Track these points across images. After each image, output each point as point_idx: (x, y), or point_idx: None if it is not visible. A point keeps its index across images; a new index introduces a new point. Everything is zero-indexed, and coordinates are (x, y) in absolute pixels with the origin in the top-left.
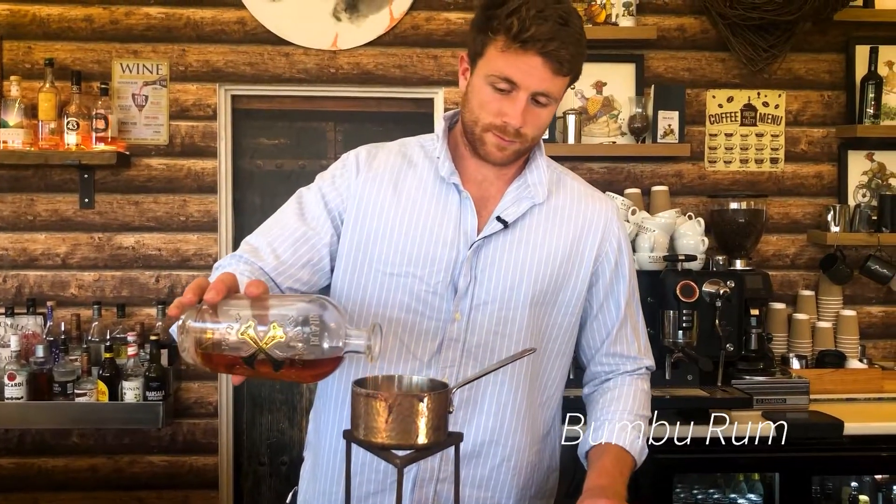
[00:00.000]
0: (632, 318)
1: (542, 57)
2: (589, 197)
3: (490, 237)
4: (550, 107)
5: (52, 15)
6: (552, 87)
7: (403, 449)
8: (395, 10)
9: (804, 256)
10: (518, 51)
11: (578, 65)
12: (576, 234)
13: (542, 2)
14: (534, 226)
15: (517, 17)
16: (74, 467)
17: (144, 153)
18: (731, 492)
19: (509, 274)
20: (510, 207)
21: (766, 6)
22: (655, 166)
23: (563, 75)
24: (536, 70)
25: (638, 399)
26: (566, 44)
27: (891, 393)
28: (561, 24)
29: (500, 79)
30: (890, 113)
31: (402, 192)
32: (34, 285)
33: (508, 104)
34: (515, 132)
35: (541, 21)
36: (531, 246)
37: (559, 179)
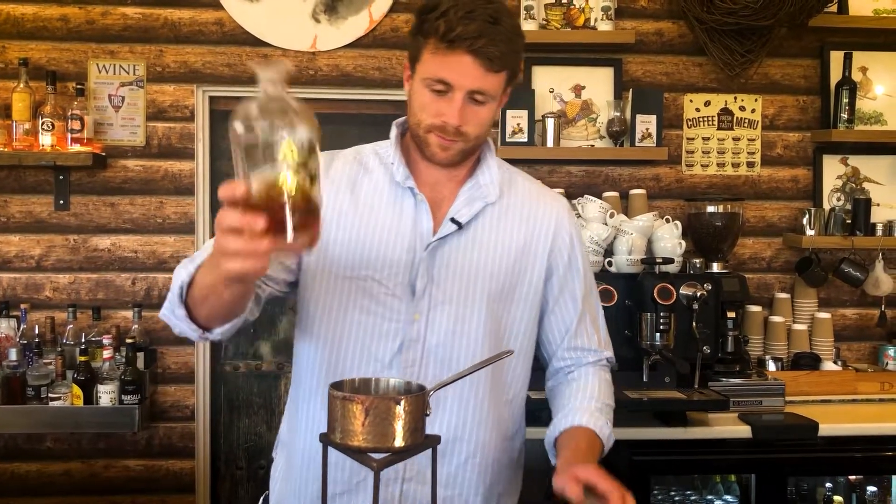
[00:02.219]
0: (590, 311)
1: (472, 55)
2: (540, 195)
3: (445, 238)
4: (489, 104)
5: (27, 14)
6: (486, 85)
7: (380, 452)
8: (375, 12)
9: (780, 259)
10: (448, 51)
11: (512, 61)
12: (528, 231)
13: (471, 3)
14: (487, 225)
15: (445, 18)
16: (48, 472)
17: (121, 154)
18: (707, 493)
19: (465, 273)
20: (463, 208)
21: (743, 11)
22: (633, 170)
23: (495, 71)
24: (467, 68)
25: (602, 389)
26: (495, 41)
27: (865, 394)
28: (490, 22)
29: (434, 80)
30: (864, 118)
31: (358, 197)
32: (7, 287)
33: (446, 104)
34: (456, 131)
35: (468, 21)
36: (485, 245)
37: (511, 179)
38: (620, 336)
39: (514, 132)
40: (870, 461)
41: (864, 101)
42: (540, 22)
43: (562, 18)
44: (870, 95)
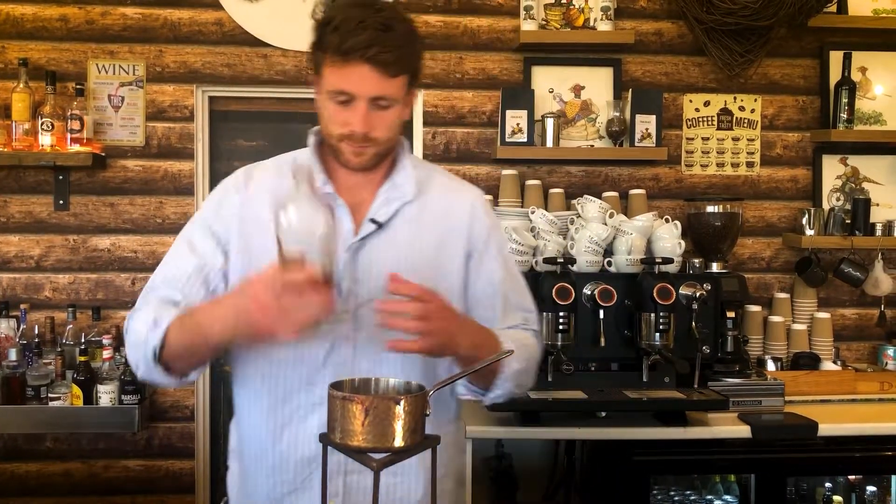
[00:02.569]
0: (514, 296)
1: (367, 63)
2: (455, 190)
3: (366, 239)
4: (394, 107)
5: (27, 14)
6: (386, 90)
7: (380, 452)
8: None
9: (779, 259)
10: (344, 63)
11: (409, 64)
12: (445, 225)
13: (361, 14)
14: (406, 223)
15: (337, 32)
16: (48, 472)
17: (120, 154)
18: (707, 493)
19: (387, 271)
20: (382, 208)
21: (742, 12)
22: (633, 170)
23: (393, 76)
24: (364, 77)
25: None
26: (388, 47)
27: (864, 394)
28: (381, 30)
29: (336, 92)
30: (863, 118)
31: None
32: (7, 288)
33: (351, 114)
34: (364, 137)
35: (359, 31)
36: (405, 242)
37: (428, 177)
38: (620, 336)
39: (514, 132)
40: (869, 461)
41: (864, 101)
42: (539, 22)
43: (561, 18)
44: (869, 95)
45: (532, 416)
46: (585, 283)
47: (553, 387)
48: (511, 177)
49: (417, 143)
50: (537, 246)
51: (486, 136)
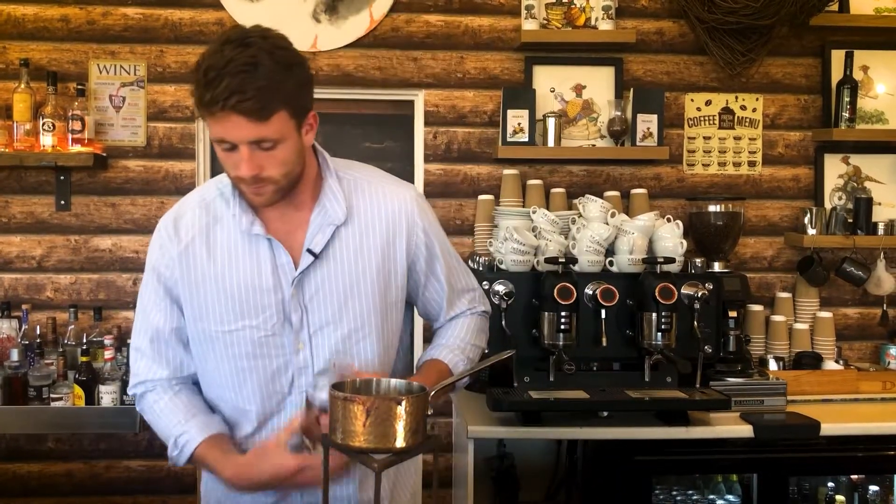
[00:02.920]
0: (458, 283)
1: (232, 112)
2: (386, 195)
3: (308, 269)
4: (282, 145)
5: (28, 15)
6: (262, 133)
7: (382, 452)
8: (376, 12)
9: (781, 259)
10: (212, 115)
11: (280, 101)
12: (384, 238)
13: (225, 57)
14: (343, 245)
15: (198, 86)
16: (50, 473)
17: (122, 155)
18: (709, 493)
19: (335, 296)
20: (316, 236)
21: (744, 10)
22: (634, 169)
23: (266, 118)
24: (235, 125)
25: (470, 330)
26: (248, 93)
27: (867, 394)
28: (246, 72)
29: (218, 140)
30: (865, 117)
31: (215, 251)
32: (9, 288)
33: (237, 158)
34: (255, 179)
35: (217, 82)
36: (347, 264)
37: (355, 187)
38: (622, 336)
39: (515, 132)
40: (872, 460)
41: (866, 100)
42: (541, 21)
43: (562, 18)
44: (871, 94)
45: (534, 416)
46: (587, 282)
47: (555, 387)
48: (512, 176)
49: (419, 142)
50: (539, 246)
51: (488, 135)
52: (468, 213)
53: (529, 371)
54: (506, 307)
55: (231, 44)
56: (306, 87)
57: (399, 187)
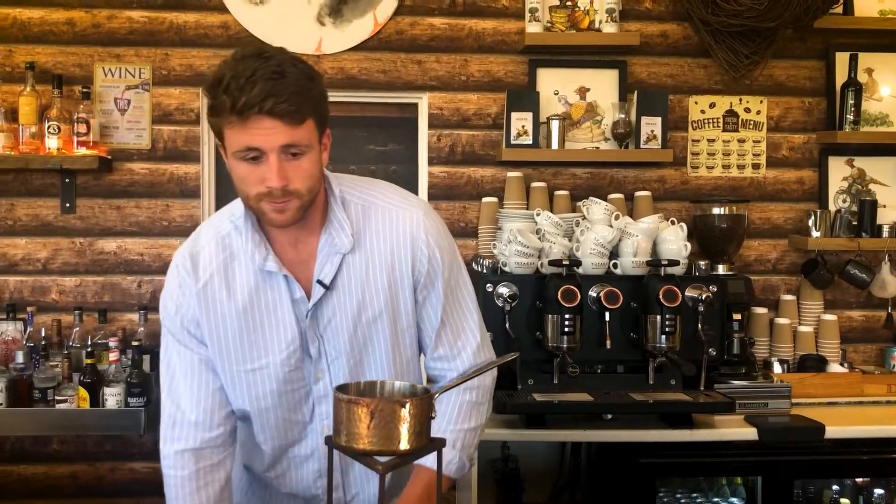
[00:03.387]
0: (454, 322)
1: (267, 116)
2: (394, 219)
3: (320, 300)
4: (308, 154)
5: (34, 18)
6: (294, 137)
7: (386, 455)
8: (380, 15)
9: (785, 261)
10: (243, 121)
11: (312, 108)
12: (389, 264)
13: (249, 68)
14: (352, 274)
15: (227, 93)
16: (55, 475)
17: (127, 158)
18: (714, 496)
19: (347, 324)
20: (325, 267)
21: (748, 13)
22: (638, 172)
23: (297, 124)
24: (268, 130)
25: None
26: (283, 95)
27: (871, 396)
28: (275, 79)
29: (244, 151)
30: (869, 119)
31: (234, 289)
32: (14, 291)
33: (264, 169)
34: (284, 191)
35: (250, 86)
36: (356, 293)
37: (363, 211)
38: (626, 338)
39: (519, 134)
40: (877, 463)
41: (870, 103)
42: (544, 24)
43: (566, 20)
44: (875, 97)
45: (538, 419)
46: (591, 285)
47: (559, 389)
48: (516, 179)
49: (423, 145)
50: (543, 248)
51: (492, 138)
52: (472, 215)
53: (533, 374)
54: (509, 310)
55: (250, 57)
56: (326, 101)
57: (407, 209)
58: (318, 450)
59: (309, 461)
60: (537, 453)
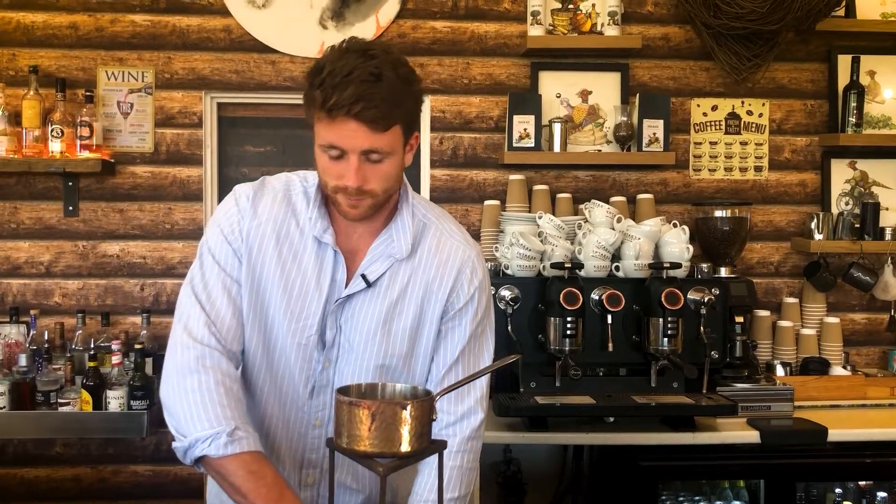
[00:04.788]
0: (465, 368)
1: (354, 119)
2: (448, 246)
3: (355, 293)
4: (389, 159)
5: (37, 22)
6: (377, 143)
7: (387, 457)
8: (382, 19)
9: (788, 264)
10: (331, 119)
11: (401, 115)
12: (428, 284)
13: (349, 65)
14: (394, 282)
15: (321, 88)
16: (57, 477)
17: (129, 161)
18: (716, 499)
19: (370, 325)
20: (374, 264)
21: (750, 16)
22: (640, 174)
23: (383, 130)
24: (353, 132)
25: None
26: (373, 102)
27: (874, 399)
28: (370, 81)
29: (327, 147)
30: (872, 122)
31: (283, 245)
32: (17, 293)
33: (344, 167)
34: (358, 191)
35: (344, 86)
36: (390, 302)
37: (424, 228)
38: (628, 341)
39: (521, 137)
40: (880, 467)
41: (873, 105)
42: (546, 27)
43: (568, 24)
44: (878, 99)
45: (540, 422)
46: (593, 287)
47: (561, 392)
48: (518, 182)
49: (425, 148)
50: (545, 251)
51: (494, 141)
52: (474, 218)
53: (535, 376)
54: (511, 312)
55: (354, 53)
56: (420, 105)
57: (463, 245)
58: (306, 440)
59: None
60: (539, 456)
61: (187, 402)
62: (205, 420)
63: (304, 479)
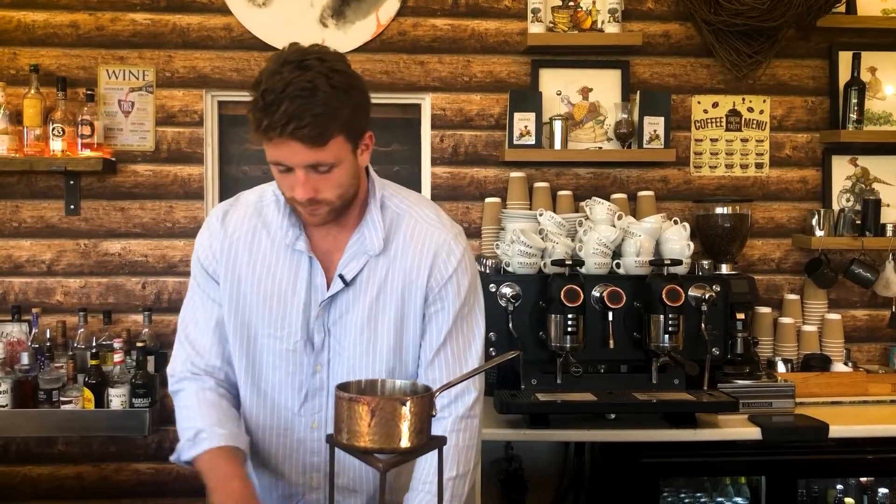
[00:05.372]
0: (453, 350)
1: (290, 138)
2: (423, 233)
3: (336, 294)
4: (338, 168)
5: (38, 21)
6: (319, 157)
7: (386, 453)
8: (382, 17)
9: (789, 261)
10: (269, 140)
11: (337, 127)
12: (407, 272)
13: (283, 80)
14: (372, 277)
15: (253, 111)
16: (60, 475)
17: (130, 159)
18: (717, 495)
19: (357, 323)
20: (350, 263)
21: (750, 13)
22: (641, 171)
23: (323, 144)
24: (292, 150)
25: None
26: (304, 120)
27: (875, 396)
28: (303, 97)
29: (274, 163)
30: (873, 118)
31: (256, 257)
32: (19, 292)
33: (293, 180)
34: (311, 201)
35: (274, 107)
36: (372, 296)
37: (397, 220)
38: (629, 338)
39: (522, 135)
40: (881, 463)
41: (874, 102)
42: (547, 24)
43: (569, 21)
44: (879, 96)
45: (541, 419)
46: (594, 284)
47: (562, 389)
48: (519, 179)
49: (425, 146)
50: (546, 248)
51: (494, 138)
52: (475, 215)
53: (537, 373)
54: (512, 310)
55: (289, 65)
56: (363, 109)
57: (440, 229)
58: (305, 444)
59: (294, 455)
60: (541, 453)
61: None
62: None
63: (310, 483)
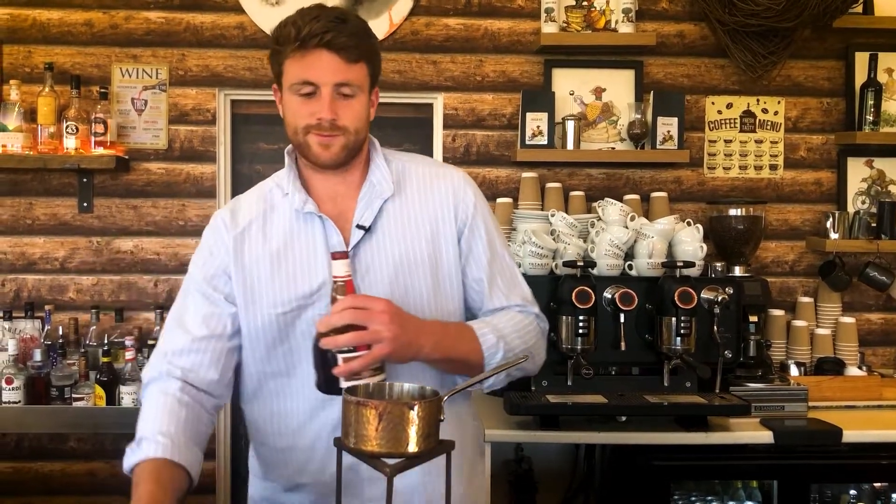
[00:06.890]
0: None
1: (326, 49)
2: (434, 177)
3: (358, 245)
4: (359, 97)
5: (53, 19)
6: (349, 76)
7: (394, 457)
8: (395, 16)
9: (803, 263)
10: (304, 52)
11: (367, 52)
12: (433, 215)
13: (316, 9)
14: (392, 220)
15: (293, 25)
16: (72, 472)
17: (143, 157)
18: (729, 499)
19: (386, 271)
20: (365, 212)
21: (766, 13)
22: (654, 172)
23: (353, 61)
24: (326, 63)
25: (512, 321)
26: (343, 33)
27: (890, 400)
28: (337, 21)
29: (300, 84)
30: (889, 120)
31: (270, 236)
32: (32, 289)
33: (316, 103)
34: (332, 125)
35: (314, 21)
36: (396, 237)
37: (404, 170)
38: (641, 340)
39: (534, 135)
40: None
41: (890, 103)
42: (560, 24)
43: (582, 21)
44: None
45: (552, 420)
46: (606, 286)
47: (573, 391)
48: (531, 179)
49: (437, 145)
50: (557, 249)
51: (507, 138)
52: None
53: (547, 375)
54: None
55: (315, 6)
56: (379, 58)
57: (447, 169)
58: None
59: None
60: (551, 455)
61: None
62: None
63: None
